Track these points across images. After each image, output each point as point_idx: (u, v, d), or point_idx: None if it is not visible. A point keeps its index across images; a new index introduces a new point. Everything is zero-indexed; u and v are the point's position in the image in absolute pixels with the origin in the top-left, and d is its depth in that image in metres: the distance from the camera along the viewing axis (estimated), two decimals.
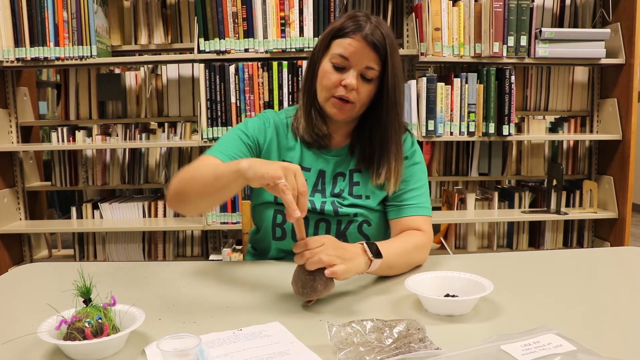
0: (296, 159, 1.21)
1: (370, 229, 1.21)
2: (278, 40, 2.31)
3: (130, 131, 2.59)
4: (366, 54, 1.09)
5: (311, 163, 1.22)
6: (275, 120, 1.24)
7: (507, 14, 2.33)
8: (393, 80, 1.11)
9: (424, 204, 1.20)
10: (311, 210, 1.18)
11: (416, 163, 1.23)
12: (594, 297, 0.97)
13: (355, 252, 0.96)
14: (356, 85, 1.10)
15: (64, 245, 2.97)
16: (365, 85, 1.11)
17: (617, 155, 2.54)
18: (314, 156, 1.22)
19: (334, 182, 1.21)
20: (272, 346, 0.76)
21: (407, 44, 2.45)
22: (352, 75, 1.10)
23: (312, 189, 1.21)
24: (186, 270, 1.15)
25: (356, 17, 1.11)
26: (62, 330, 0.75)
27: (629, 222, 2.49)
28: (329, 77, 1.12)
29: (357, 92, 1.11)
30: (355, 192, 1.20)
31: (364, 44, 1.08)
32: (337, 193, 1.20)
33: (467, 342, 0.75)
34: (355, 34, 1.08)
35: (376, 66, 1.10)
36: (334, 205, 1.18)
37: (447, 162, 2.70)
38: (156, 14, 2.55)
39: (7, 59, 2.35)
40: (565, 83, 2.69)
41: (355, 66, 1.10)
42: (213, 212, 2.37)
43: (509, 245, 2.76)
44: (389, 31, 1.11)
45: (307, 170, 1.21)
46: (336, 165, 1.22)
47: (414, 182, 1.21)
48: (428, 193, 1.23)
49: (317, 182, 1.21)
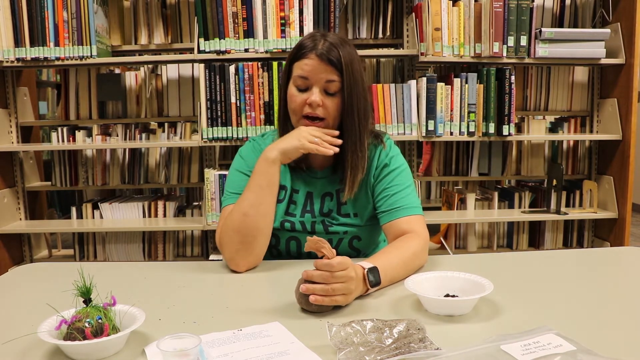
0: (287, 182, 1.25)
1: (360, 243, 1.25)
2: (278, 40, 2.31)
3: (130, 131, 2.59)
4: (323, 69, 1.13)
5: (299, 185, 1.26)
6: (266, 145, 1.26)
7: (507, 14, 2.33)
8: (349, 90, 1.14)
9: (412, 204, 1.21)
10: (302, 231, 1.23)
11: (396, 168, 1.24)
12: (594, 297, 0.97)
13: (358, 281, 0.93)
14: (320, 100, 1.14)
15: (64, 245, 2.97)
16: (331, 99, 1.16)
17: (617, 155, 2.54)
18: (301, 179, 1.26)
19: (321, 202, 1.25)
20: (272, 346, 0.76)
21: (407, 44, 2.45)
22: (315, 92, 1.14)
23: (302, 209, 1.25)
24: (186, 270, 1.15)
25: (306, 39, 1.17)
26: (62, 330, 0.75)
27: (629, 222, 2.49)
28: (295, 100, 1.17)
29: (324, 107, 1.16)
30: (344, 210, 1.24)
31: (319, 61, 1.13)
32: (326, 212, 1.24)
33: (467, 342, 0.75)
34: (311, 52, 1.14)
35: (336, 77, 1.14)
36: (324, 225, 1.23)
37: (447, 162, 2.70)
38: (156, 14, 2.55)
39: (7, 59, 2.35)
40: (565, 83, 2.69)
41: (316, 83, 1.14)
42: (213, 212, 2.37)
43: (509, 245, 2.76)
44: (342, 44, 1.15)
45: (296, 192, 1.26)
46: (323, 186, 1.26)
47: (398, 185, 1.22)
48: (416, 194, 1.25)
49: (305, 202, 1.25)
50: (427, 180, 3.19)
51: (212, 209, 2.37)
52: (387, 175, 1.23)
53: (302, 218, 1.24)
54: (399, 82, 2.43)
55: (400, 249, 1.10)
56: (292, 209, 1.25)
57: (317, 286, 0.87)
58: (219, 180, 2.35)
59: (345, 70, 1.13)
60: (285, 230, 1.23)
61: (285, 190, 1.25)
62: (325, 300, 0.87)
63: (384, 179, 1.23)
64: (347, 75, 1.13)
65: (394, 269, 1.03)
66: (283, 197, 1.25)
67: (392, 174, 1.23)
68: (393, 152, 1.26)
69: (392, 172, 1.23)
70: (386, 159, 1.24)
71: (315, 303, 0.87)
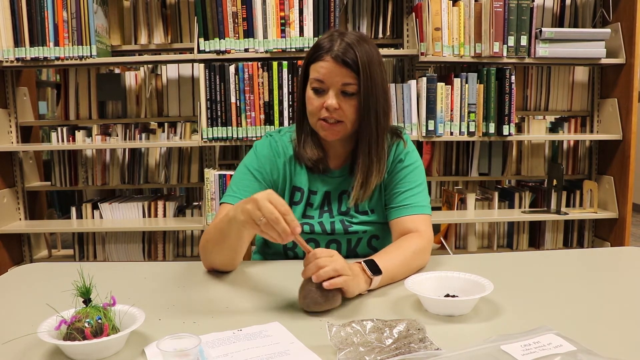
0: (304, 184, 1.23)
1: (378, 242, 1.25)
2: (278, 40, 2.31)
3: (130, 131, 2.59)
4: (338, 72, 1.10)
5: (317, 186, 1.24)
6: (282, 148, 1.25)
7: (507, 14, 2.32)
8: (367, 92, 1.11)
9: (421, 202, 1.20)
10: (321, 232, 1.21)
11: (410, 165, 1.22)
12: (594, 297, 0.97)
13: (356, 272, 0.95)
14: (337, 104, 1.12)
15: (63, 245, 2.97)
16: (349, 101, 1.13)
17: (617, 155, 2.54)
18: (319, 179, 1.24)
19: (339, 201, 1.24)
20: (272, 346, 0.76)
21: (407, 44, 2.45)
22: (332, 96, 1.12)
23: (320, 210, 1.23)
24: (186, 270, 1.15)
25: (330, 36, 1.13)
26: (62, 330, 0.75)
27: (629, 222, 2.49)
28: (312, 103, 1.14)
29: (342, 110, 1.12)
30: (361, 208, 1.23)
31: (334, 63, 1.10)
32: (344, 211, 1.23)
33: (467, 342, 0.75)
34: (327, 54, 1.11)
35: (353, 80, 1.11)
36: (343, 224, 1.21)
37: (447, 162, 2.70)
38: (156, 14, 2.55)
39: (7, 59, 2.35)
40: (566, 83, 2.69)
41: (332, 86, 1.12)
42: (213, 212, 2.37)
43: (509, 245, 2.76)
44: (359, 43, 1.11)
45: (314, 193, 1.24)
46: (340, 185, 1.24)
47: (409, 183, 1.21)
48: (426, 193, 1.23)
49: (323, 203, 1.24)
50: (427, 180, 3.17)
51: (212, 209, 2.37)
52: (400, 171, 1.21)
53: (320, 219, 1.22)
54: (399, 82, 2.43)
55: (401, 248, 1.10)
56: (309, 211, 1.23)
57: (320, 272, 0.88)
58: (218, 180, 2.35)
59: (363, 72, 1.10)
60: (304, 233, 1.19)
61: (302, 193, 1.23)
62: (338, 281, 0.88)
63: (396, 174, 1.21)
64: (365, 77, 1.10)
65: (393, 266, 1.03)
66: (300, 199, 1.23)
67: (405, 170, 1.21)
68: (409, 148, 1.24)
69: (406, 169, 1.22)
70: (401, 155, 1.22)
71: (330, 287, 0.88)
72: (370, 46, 1.13)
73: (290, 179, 1.24)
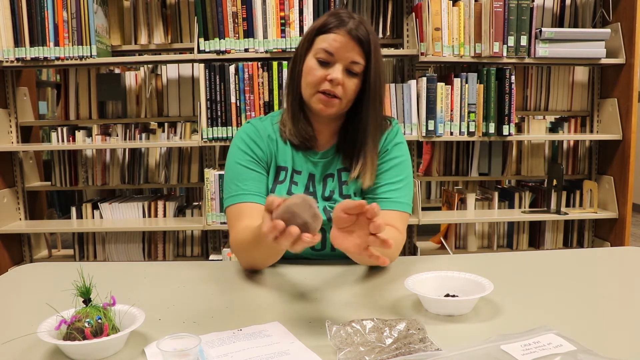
0: (289, 163, 1.21)
1: None
2: (278, 40, 2.31)
3: (130, 131, 2.59)
4: (351, 48, 1.09)
5: (302, 165, 1.21)
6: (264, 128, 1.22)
7: (507, 14, 2.32)
8: (375, 75, 1.11)
9: (400, 199, 1.17)
10: None
11: (396, 157, 1.20)
12: (594, 297, 0.97)
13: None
14: (342, 79, 1.10)
15: (63, 245, 2.97)
16: (351, 80, 1.11)
17: (617, 155, 2.54)
18: (303, 159, 1.21)
19: (324, 184, 1.21)
20: (272, 346, 0.76)
21: (407, 44, 2.45)
22: (338, 70, 1.10)
23: (304, 192, 1.21)
24: (186, 270, 1.15)
25: (339, 14, 1.12)
26: (62, 330, 0.75)
27: (629, 222, 2.49)
28: (314, 73, 1.11)
29: (342, 87, 1.11)
30: (345, 191, 1.20)
31: (349, 39, 1.09)
32: (327, 196, 1.20)
33: (467, 342, 0.75)
34: (340, 28, 1.09)
35: (361, 60, 1.10)
36: (326, 212, 1.17)
37: (447, 162, 2.70)
38: (156, 14, 2.55)
39: (7, 59, 2.35)
40: (565, 83, 2.69)
41: (341, 60, 1.10)
42: (213, 212, 2.37)
43: (509, 245, 2.76)
44: (371, 28, 1.12)
45: (299, 173, 1.21)
46: (324, 167, 1.22)
47: (392, 176, 1.18)
48: (409, 189, 1.19)
49: (307, 185, 1.21)
50: (427, 180, 3.19)
51: (212, 209, 2.37)
52: (384, 162, 1.19)
53: None
54: (399, 82, 2.43)
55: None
56: (294, 189, 1.20)
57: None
58: (219, 180, 2.35)
59: (374, 53, 1.09)
60: None
61: (286, 171, 1.20)
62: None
63: (381, 165, 1.18)
64: (375, 58, 1.09)
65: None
66: (284, 178, 1.20)
67: (390, 162, 1.19)
68: (398, 140, 1.22)
69: (391, 161, 1.19)
70: (389, 145, 1.20)
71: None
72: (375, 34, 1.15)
73: (275, 158, 1.21)
